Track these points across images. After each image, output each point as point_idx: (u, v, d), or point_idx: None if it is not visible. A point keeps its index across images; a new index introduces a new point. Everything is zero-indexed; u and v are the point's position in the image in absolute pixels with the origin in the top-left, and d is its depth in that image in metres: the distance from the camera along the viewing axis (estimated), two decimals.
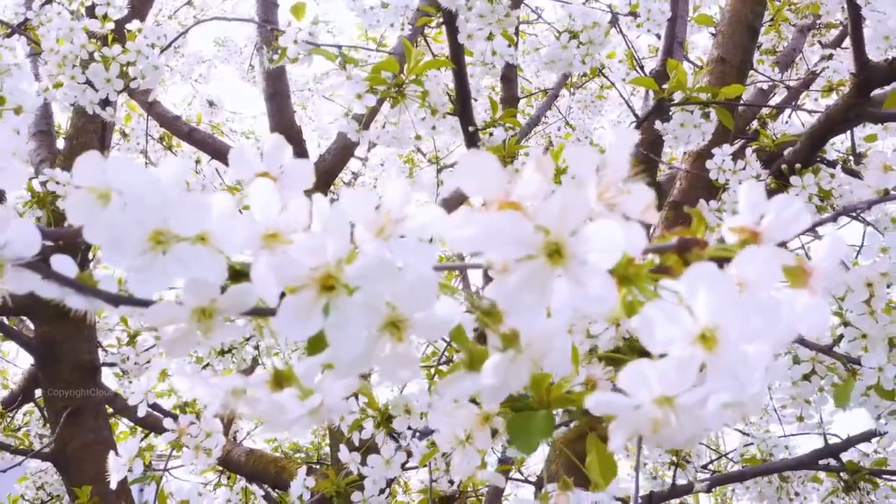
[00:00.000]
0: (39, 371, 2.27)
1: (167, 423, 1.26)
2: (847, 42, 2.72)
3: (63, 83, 1.56)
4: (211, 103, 4.03)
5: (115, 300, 0.41)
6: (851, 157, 2.10)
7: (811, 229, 1.20)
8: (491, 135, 1.82)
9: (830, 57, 2.29)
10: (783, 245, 0.41)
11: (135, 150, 2.97)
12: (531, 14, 2.41)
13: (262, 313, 0.36)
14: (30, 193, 1.85)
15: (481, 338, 0.40)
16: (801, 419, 1.43)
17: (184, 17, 4.24)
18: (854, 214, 1.62)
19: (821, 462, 1.79)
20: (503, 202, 0.31)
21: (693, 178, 1.91)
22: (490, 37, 1.68)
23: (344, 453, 1.45)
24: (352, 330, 0.33)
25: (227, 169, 2.86)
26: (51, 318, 2.19)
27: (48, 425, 2.50)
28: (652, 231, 1.57)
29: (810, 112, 2.42)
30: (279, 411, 0.40)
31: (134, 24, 1.58)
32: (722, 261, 0.36)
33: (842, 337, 1.13)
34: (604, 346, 1.02)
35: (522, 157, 1.82)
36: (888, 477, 1.78)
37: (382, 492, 1.52)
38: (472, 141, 1.81)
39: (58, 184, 1.79)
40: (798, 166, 1.64)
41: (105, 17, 1.57)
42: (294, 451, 3.99)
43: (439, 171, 3.25)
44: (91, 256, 2.25)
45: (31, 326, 2.37)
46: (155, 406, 2.25)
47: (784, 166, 1.66)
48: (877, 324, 1.07)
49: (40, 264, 0.40)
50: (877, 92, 1.61)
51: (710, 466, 2.51)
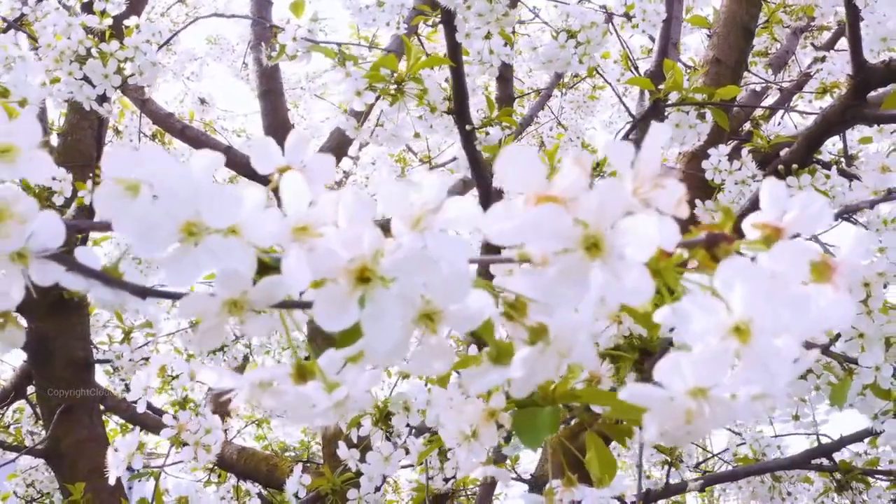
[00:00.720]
0: (32, 368, 2.26)
1: (167, 419, 1.26)
2: (840, 44, 2.74)
3: (60, 79, 1.56)
4: (202, 101, 4.03)
5: (143, 292, 0.41)
6: (843, 159, 2.11)
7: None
8: (487, 134, 1.82)
9: (823, 59, 2.30)
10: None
11: (128, 147, 2.96)
12: (528, 14, 2.41)
13: (296, 306, 0.37)
14: (25, 189, 1.85)
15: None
16: (796, 418, 1.44)
17: (175, 14, 4.23)
18: (847, 215, 1.64)
19: (814, 462, 1.80)
20: (542, 196, 0.31)
21: (687, 178, 1.92)
22: (488, 36, 1.69)
23: (343, 450, 1.45)
24: (388, 321, 0.33)
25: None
26: (43, 314, 2.18)
27: (40, 422, 2.49)
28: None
29: (803, 114, 2.43)
30: (307, 404, 0.40)
31: (132, 21, 1.58)
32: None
33: (839, 336, 1.14)
34: (604, 344, 1.02)
35: None
36: (880, 476, 1.80)
37: (377, 489, 1.52)
38: (468, 139, 1.81)
39: (53, 179, 1.78)
40: (795, 167, 1.65)
41: (103, 13, 1.57)
42: (282, 450, 3.98)
43: (432, 170, 3.26)
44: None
45: (24, 322, 2.36)
46: (146, 404, 2.24)
47: (781, 167, 1.67)
48: (874, 323, 1.08)
49: (66, 256, 0.40)
50: (871, 94, 1.62)
51: (701, 466, 2.52)
